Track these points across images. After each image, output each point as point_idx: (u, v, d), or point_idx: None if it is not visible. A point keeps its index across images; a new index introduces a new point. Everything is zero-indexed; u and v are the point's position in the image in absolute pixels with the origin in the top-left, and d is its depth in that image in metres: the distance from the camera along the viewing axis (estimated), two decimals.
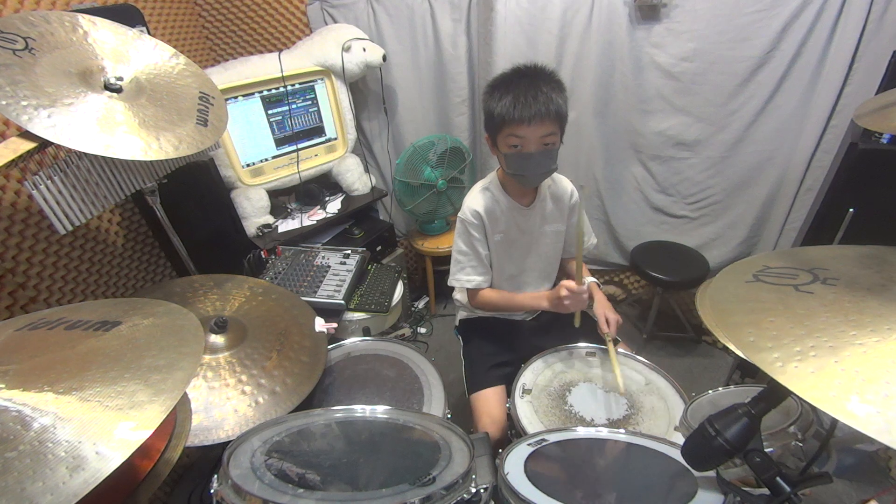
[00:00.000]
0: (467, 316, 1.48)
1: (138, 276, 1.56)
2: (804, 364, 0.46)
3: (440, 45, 2.00)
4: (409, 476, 0.75)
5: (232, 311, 1.15)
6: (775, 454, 0.75)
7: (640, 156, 2.02)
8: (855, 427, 0.40)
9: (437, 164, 2.09)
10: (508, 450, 0.87)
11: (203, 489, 1.47)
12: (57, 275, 1.25)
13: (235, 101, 1.77)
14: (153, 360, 0.56)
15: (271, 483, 0.72)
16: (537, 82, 1.07)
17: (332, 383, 1.18)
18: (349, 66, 1.91)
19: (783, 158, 1.84)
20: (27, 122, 0.78)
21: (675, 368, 2.05)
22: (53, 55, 0.88)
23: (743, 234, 2.04)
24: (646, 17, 1.72)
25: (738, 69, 1.71)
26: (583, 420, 1.07)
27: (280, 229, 1.90)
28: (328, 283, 1.49)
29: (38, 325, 0.62)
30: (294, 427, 0.82)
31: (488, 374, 1.31)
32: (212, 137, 1.04)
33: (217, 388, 0.95)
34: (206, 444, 0.88)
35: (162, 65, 1.08)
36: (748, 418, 0.60)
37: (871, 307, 0.49)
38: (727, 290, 0.61)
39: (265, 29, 2.05)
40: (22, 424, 0.46)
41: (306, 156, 2.00)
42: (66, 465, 0.43)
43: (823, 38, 1.59)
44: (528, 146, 1.09)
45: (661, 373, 1.18)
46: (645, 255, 2.11)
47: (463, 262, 1.31)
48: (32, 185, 0.85)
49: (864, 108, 0.92)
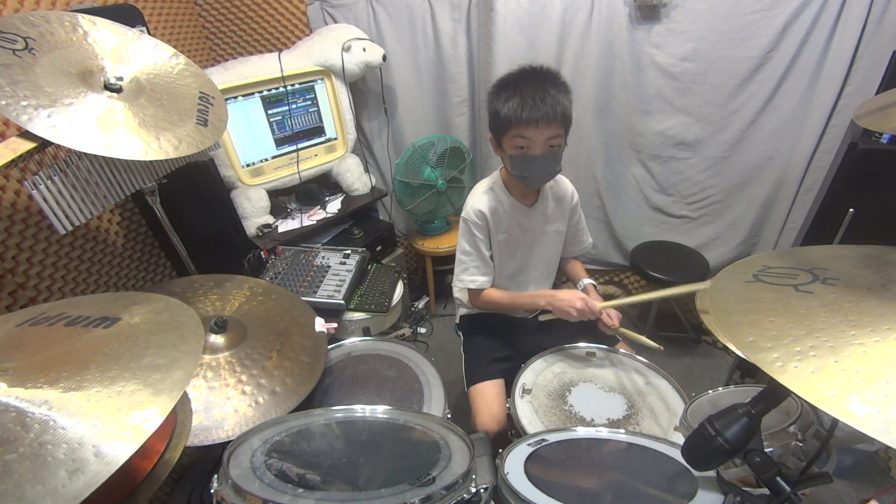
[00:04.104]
0: (468, 312, 1.48)
1: (138, 276, 1.56)
2: (804, 364, 0.46)
3: (440, 45, 2.00)
4: (408, 476, 0.75)
5: (232, 311, 1.15)
6: (775, 454, 0.75)
7: (640, 156, 2.02)
8: (855, 427, 0.40)
9: (437, 164, 2.09)
10: (508, 450, 0.87)
11: (203, 489, 1.47)
12: (57, 275, 1.25)
13: (235, 101, 1.77)
14: (153, 358, 0.56)
15: (271, 483, 0.72)
16: (544, 84, 1.06)
17: (332, 383, 1.18)
18: (349, 66, 1.91)
19: (783, 158, 1.84)
20: (27, 122, 0.78)
21: (675, 368, 2.04)
22: (53, 55, 0.88)
23: (743, 234, 2.04)
24: (646, 17, 1.72)
25: (738, 69, 1.71)
26: (583, 420, 1.07)
27: (280, 229, 1.90)
28: (328, 283, 1.49)
29: (39, 320, 0.61)
30: (294, 427, 0.81)
31: (488, 367, 1.31)
32: (212, 137, 1.04)
33: (217, 387, 0.95)
34: (206, 444, 0.87)
35: (162, 65, 1.08)
36: (748, 418, 0.60)
37: (871, 307, 0.49)
38: (727, 290, 0.61)
39: (265, 29, 2.05)
40: (21, 426, 0.46)
41: (306, 156, 2.00)
42: (65, 468, 0.43)
43: (823, 38, 1.59)
44: (534, 148, 1.09)
45: (661, 373, 1.18)
46: (645, 255, 2.11)
47: (466, 263, 1.31)
48: (32, 185, 0.85)
49: (864, 108, 0.92)
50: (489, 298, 1.33)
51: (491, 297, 1.33)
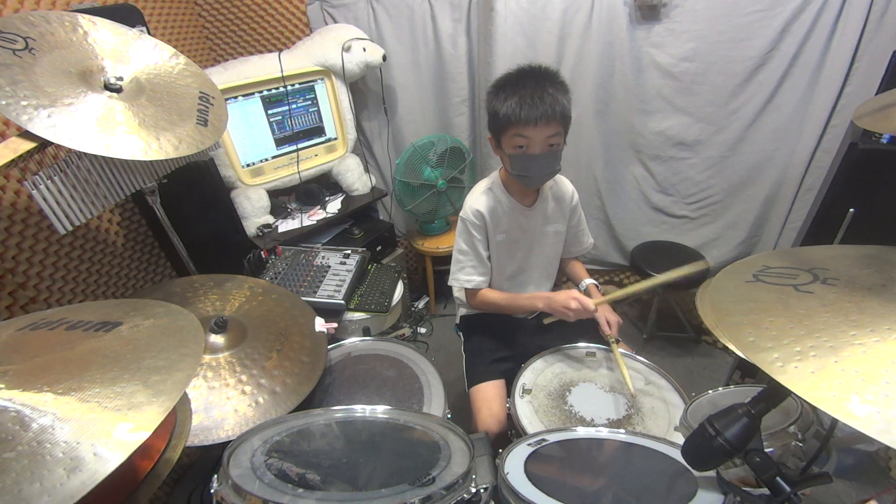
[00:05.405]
0: (468, 313, 1.48)
1: (138, 276, 1.56)
2: (804, 364, 0.45)
3: (440, 45, 2.00)
4: (408, 476, 0.75)
5: (232, 311, 1.15)
6: (775, 454, 0.75)
7: (640, 156, 2.02)
8: (855, 427, 0.40)
9: (437, 164, 2.09)
10: (508, 450, 0.87)
11: (203, 489, 1.47)
12: (57, 275, 1.25)
13: (235, 101, 1.77)
14: (153, 360, 0.56)
15: (271, 483, 0.72)
16: (543, 83, 1.07)
17: (332, 383, 1.17)
18: (349, 66, 1.91)
19: (783, 158, 1.84)
20: (27, 122, 0.78)
21: (675, 368, 2.05)
22: (53, 55, 0.88)
23: (743, 234, 2.04)
24: (646, 17, 1.72)
25: (738, 69, 1.71)
26: (583, 420, 1.07)
27: (280, 229, 1.90)
28: (328, 283, 1.49)
29: (40, 325, 0.62)
30: (294, 427, 0.82)
31: (488, 368, 1.31)
32: (212, 137, 1.04)
33: (217, 387, 0.95)
34: (206, 444, 0.87)
35: (162, 65, 1.08)
36: (748, 418, 0.60)
37: (871, 307, 0.49)
38: (727, 290, 0.61)
39: (265, 29, 2.05)
40: (21, 425, 0.46)
41: (306, 156, 2.00)
42: (63, 467, 0.43)
43: (823, 38, 1.59)
44: (534, 147, 1.09)
45: (661, 373, 1.18)
46: (645, 255, 2.11)
47: (463, 262, 1.31)
48: (32, 185, 0.85)
49: (864, 108, 0.92)
50: (486, 299, 1.33)
51: (488, 298, 1.33)
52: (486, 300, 1.33)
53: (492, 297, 1.33)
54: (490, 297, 1.33)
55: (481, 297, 1.34)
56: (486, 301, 1.33)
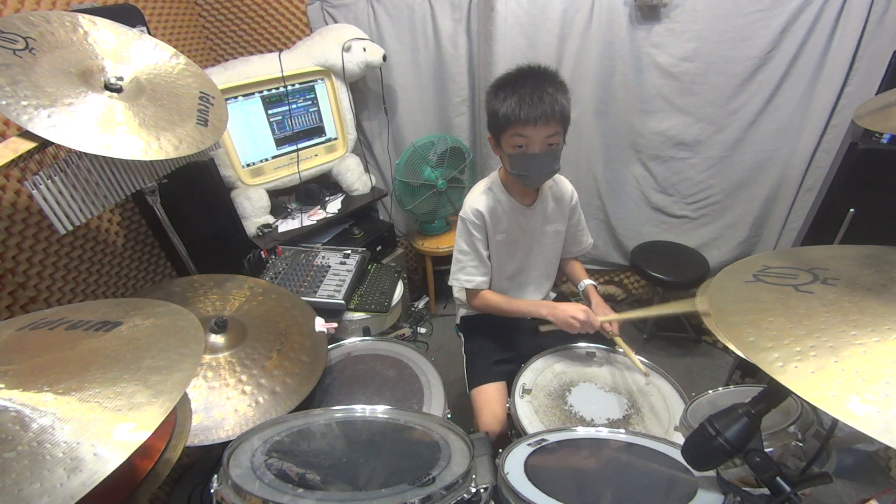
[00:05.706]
0: (468, 313, 1.48)
1: (138, 276, 1.57)
2: (804, 364, 0.45)
3: (440, 45, 2.00)
4: (408, 476, 0.75)
5: (232, 311, 1.15)
6: (775, 454, 0.75)
7: (641, 156, 2.02)
8: (855, 427, 0.40)
9: (437, 164, 2.09)
10: (508, 450, 0.87)
11: (203, 489, 1.47)
12: (57, 275, 1.25)
13: (235, 101, 1.77)
14: (153, 361, 0.56)
15: (271, 483, 0.72)
16: (542, 83, 1.07)
17: (332, 383, 1.18)
18: (349, 66, 1.91)
19: (783, 158, 1.84)
20: (27, 122, 0.78)
21: (675, 368, 2.05)
22: (53, 55, 0.88)
23: (743, 234, 2.04)
24: (646, 17, 1.72)
25: (738, 69, 1.71)
26: (583, 420, 1.07)
27: (280, 229, 1.90)
28: (328, 283, 1.49)
29: (40, 324, 0.62)
30: (294, 427, 0.82)
31: (490, 369, 1.31)
32: (212, 137, 1.04)
33: (217, 387, 0.95)
34: (206, 444, 0.87)
35: (162, 65, 1.08)
36: (748, 418, 0.60)
37: (871, 307, 0.49)
38: (727, 290, 0.61)
39: (265, 29, 2.05)
40: (21, 425, 0.46)
41: (306, 156, 2.00)
42: (63, 467, 0.43)
43: (823, 38, 1.59)
44: (533, 147, 1.10)
45: (661, 373, 1.18)
46: (645, 255, 2.11)
47: (463, 262, 1.31)
48: (32, 185, 0.85)
49: (864, 108, 0.92)
50: (487, 301, 1.33)
51: (489, 300, 1.33)
52: (488, 302, 1.33)
53: (494, 299, 1.32)
54: (492, 299, 1.33)
55: (483, 299, 1.34)
56: (488, 303, 1.33)
